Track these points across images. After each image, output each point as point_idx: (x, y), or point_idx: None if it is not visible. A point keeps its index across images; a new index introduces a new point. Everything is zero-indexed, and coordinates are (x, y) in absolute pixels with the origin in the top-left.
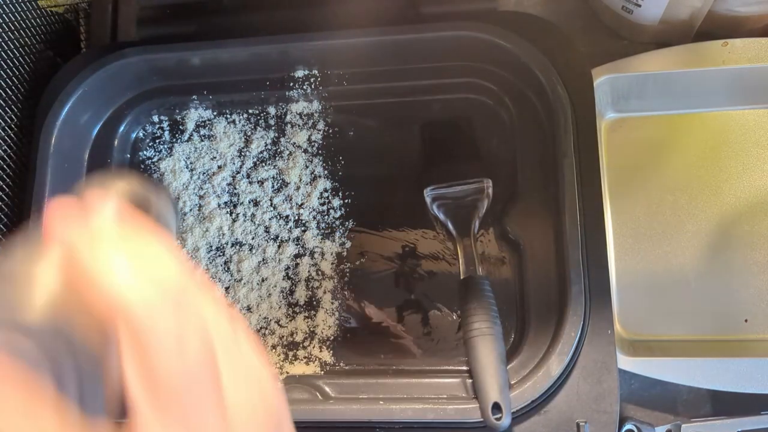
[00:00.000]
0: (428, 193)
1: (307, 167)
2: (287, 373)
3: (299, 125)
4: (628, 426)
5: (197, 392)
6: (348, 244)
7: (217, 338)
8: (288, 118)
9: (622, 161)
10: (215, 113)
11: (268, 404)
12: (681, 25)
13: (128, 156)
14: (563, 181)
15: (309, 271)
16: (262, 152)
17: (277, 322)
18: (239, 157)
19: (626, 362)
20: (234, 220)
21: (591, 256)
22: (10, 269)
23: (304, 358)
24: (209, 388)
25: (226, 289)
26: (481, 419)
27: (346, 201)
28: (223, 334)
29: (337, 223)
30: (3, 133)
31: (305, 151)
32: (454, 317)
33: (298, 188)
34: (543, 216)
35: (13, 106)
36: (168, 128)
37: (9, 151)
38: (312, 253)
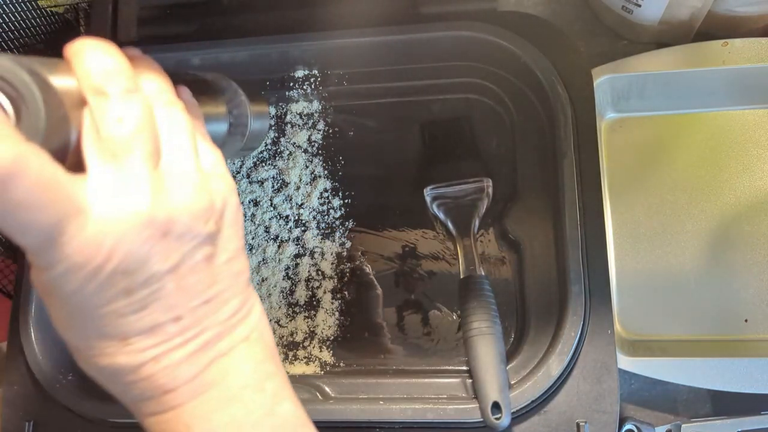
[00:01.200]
0: (428, 193)
1: (307, 167)
2: (287, 373)
3: (299, 125)
4: (628, 426)
5: (132, 152)
6: (348, 244)
7: (171, 127)
8: (288, 118)
9: (622, 161)
10: None
11: (206, 178)
12: (681, 25)
13: None
14: (563, 181)
15: (309, 271)
16: (262, 152)
17: (277, 322)
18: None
19: (626, 362)
20: None
21: (591, 256)
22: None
23: (304, 358)
24: (143, 151)
25: None
26: (481, 419)
27: (346, 201)
28: (180, 126)
29: (337, 223)
30: None
31: (305, 151)
32: (454, 317)
33: (298, 188)
34: (543, 216)
35: None
36: None
37: None
38: (312, 253)
